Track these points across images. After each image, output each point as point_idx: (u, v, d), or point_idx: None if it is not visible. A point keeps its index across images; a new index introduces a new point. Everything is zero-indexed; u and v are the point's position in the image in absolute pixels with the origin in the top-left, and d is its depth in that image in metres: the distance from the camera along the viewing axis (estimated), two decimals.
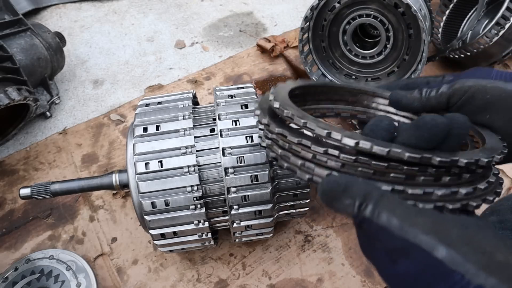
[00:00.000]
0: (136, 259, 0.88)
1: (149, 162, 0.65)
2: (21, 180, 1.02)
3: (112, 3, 1.56)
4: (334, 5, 1.06)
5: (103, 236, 0.92)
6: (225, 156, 0.65)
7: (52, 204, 0.96)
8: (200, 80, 1.26)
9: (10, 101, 0.91)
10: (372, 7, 1.04)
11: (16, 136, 1.11)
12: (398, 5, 0.99)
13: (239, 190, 0.66)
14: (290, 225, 0.92)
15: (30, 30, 1.09)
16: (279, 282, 0.85)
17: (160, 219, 0.67)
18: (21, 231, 0.92)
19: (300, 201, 0.73)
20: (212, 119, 0.71)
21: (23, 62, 1.03)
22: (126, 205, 0.96)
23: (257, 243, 0.90)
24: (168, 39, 1.42)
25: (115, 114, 1.17)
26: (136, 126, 0.68)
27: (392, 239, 0.31)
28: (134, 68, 1.32)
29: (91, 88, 1.26)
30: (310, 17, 1.07)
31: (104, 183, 0.72)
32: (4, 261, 0.88)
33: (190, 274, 0.86)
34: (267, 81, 1.25)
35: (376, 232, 0.32)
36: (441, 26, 1.34)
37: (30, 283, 0.81)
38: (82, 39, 1.41)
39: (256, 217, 0.70)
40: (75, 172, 1.03)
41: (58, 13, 1.50)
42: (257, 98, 0.72)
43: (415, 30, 1.02)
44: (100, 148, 1.08)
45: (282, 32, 1.42)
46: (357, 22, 1.07)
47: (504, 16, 1.04)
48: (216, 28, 1.47)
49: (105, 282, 0.85)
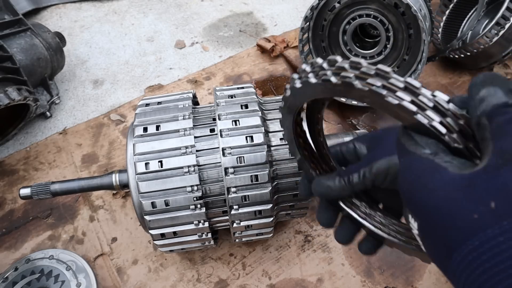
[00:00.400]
0: (136, 259, 0.88)
1: (149, 162, 0.65)
2: (21, 180, 1.02)
3: (112, 3, 1.56)
4: (334, 5, 1.06)
5: (103, 236, 0.92)
6: (225, 156, 0.65)
7: (52, 204, 0.96)
8: (200, 80, 1.26)
9: (10, 101, 0.91)
10: (372, 7, 1.04)
11: (16, 136, 1.11)
12: (398, 5, 0.99)
13: (239, 190, 0.66)
14: (290, 225, 0.92)
15: (30, 30, 1.09)
16: (279, 282, 0.85)
17: (160, 219, 0.67)
18: (21, 231, 0.92)
19: (300, 201, 0.73)
20: (212, 119, 0.71)
21: (23, 62, 1.03)
22: (126, 205, 0.97)
23: (257, 243, 0.90)
24: (168, 39, 1.42)
25: (115, 114, 1.17)
26: (136, 126, 0.68)
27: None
28: (134, 68, 1.32)
29: (91, 88, 1.26)
30: (310, 17, 1.07)
31: (104, 183, 0.72)
32: (4, 261, 0.88)
33: (190, 274, 0.86)
34: (267, 81, 1.25)
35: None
36: (441, 26, 1.34)
37: (30, 283, 0.81)
38: (82, 39, 1.41)
39: (256, 217, 0.70)
40: (75, 172, 1.03)
41: (58, 13, 1.50)
42: (257, 98, 0.72)
43: (415, 30, 1.02)
44: (100, 148, 1.08)
45: (282, 32, 1.42)
46: (357, 22, 1.07)
47: (504, 16, 1.04)
48: (216, 28, 1.47)
49: (105, 282, 0.85)
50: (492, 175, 0.29)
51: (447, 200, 0.31)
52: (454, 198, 0.30)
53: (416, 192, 0.33)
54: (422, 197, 0.32)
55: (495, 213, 0.28)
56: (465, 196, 0.30)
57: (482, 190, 0.29)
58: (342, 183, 0.49)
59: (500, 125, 0.31)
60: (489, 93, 0.33)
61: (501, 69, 1.26)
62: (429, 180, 0.32)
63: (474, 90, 0.34)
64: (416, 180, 0.33)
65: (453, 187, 0.31)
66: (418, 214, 0.33)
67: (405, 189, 0.35)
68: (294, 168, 0.69)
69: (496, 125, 0.31)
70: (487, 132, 0.32)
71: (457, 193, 0.30)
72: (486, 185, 0.29)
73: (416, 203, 0.33)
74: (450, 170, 0.32)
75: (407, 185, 0.34)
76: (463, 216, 0.29)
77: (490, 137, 0.31)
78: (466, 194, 0.30)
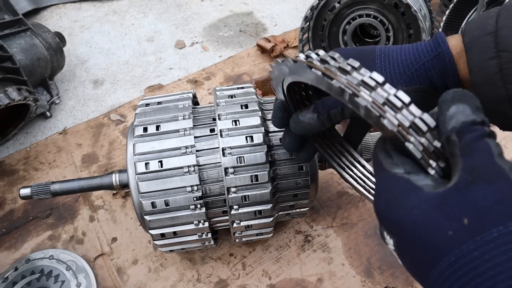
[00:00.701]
0: (136, 259, 0.88)
1: (149, 162, 0.65)
2: (21, 180, 1.02)
3: (112, 3, 1.56)
4: (334, 5, 1.06)
5: (103, 236, 0.92)
6: (225, 156, 0.65)
7: (52, 204, 0.96)
8: (200, 80, 1.26)
9: (10, 101, 0.91)
10: (372, 7, 1.04)
11: (16, 136, 1.11)
12: (398, 5, 0.99)
13: (239, 190, 0.66)
14: (290, 225, 0.93)
15: (30, 30, 1.09)
16: (279, 282, 0.85)
17: (160, 219, 0.67)
18: (21, 231, 0.92)
19: (300, 201, 0.73)
20: (212, 119, 0.71)
21: (23, 62, 1.03)
22: (126, 205, 0.97)
23: (257, 243, 0.90)
24: (168, 39, 1.42)
25: (115, 114, 1.17)
26: (136, 126, 0.68)
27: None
28: (134, 68, 1.32)
29: (91, 88, 1.26)
30: (310, 17, 1.07)
31: (104, 183, 0.72)
32: (4, 261, 0.88)
33: (190, 274, 0.86)
34: (267, 81, 1.25)
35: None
36: (441, 26, 1.34)
37: (30, 283, 0.81)
38: (82, 39, 1.41)
39: (256, 217, 0.70)
40: (75, 172, 1.03)
41: (58, 13, 1.51)
42: (257, 98, 0.72)
43: (415, 30, 1.02)
44: (100, 148, 1.08)
45: (282, 32, 1.42)
46: (357, 22, 1.07)
47: None
48: (216, 28, 1.47)
49: (105, 282, 0.85)
50: (463, 192, 0.31)
51: (423, 218, 0.32)
52: (430, 216, 0.32)
53: (392, 210, 0.34)
54: (399, 215, 0.34)
55: (468, 229, 0.30)
56: (439, 214, 0.31)
57: (454, 208, 0.31)
58: (321, 119, 0.50)
59: (469, 142, 0.33)
60: (458, 110, 0.35)
61: None
62: (405, 199, 0.34)
63: (444, 107, 0.35)
64: (392, 199, 0.35)
65: (428, 206, 0.32)
66: (395, 232, 0.35)
67: (381, 207, 0.36)
68: (294, 168, 0.69)
69: (465, 142, 0.33)
70: (457, 149, 0.33)
71: (432, 211, 0.32)
72: (458, 202, 0.31)
73: (392, 221, 0.34)
74: (425, 190, 0.33)
75: (384, 204, 0.36)
76: (438, 233, 0.31)
77: (459, 153, 0.33)
78: (440, 212, 0.31)
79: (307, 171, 0.70)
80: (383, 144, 0.38)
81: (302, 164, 0.69)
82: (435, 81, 0.53)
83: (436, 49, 0.52)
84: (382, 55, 0.56)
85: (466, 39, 0.51)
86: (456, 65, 0.52)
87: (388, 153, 0.37)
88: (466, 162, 0.32)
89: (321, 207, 0.95)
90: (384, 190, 0.36)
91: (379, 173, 0.38)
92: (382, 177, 0.37)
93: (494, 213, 0.29)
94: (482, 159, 0.31)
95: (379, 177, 0.38)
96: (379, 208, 0.36)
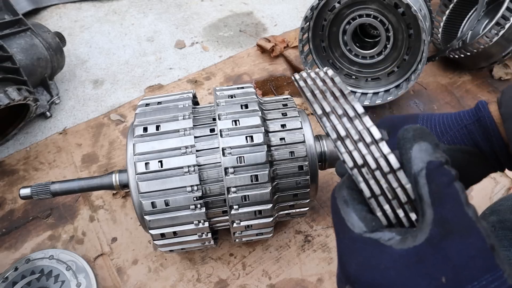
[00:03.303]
0: (136, 259, 0.88)
1: (149, 162, 0.65)
2: (21, 180, 1.02)
3: (112, 3, 1.56)
4: (334, 5, 1.06)
5: (103, 236, 0.92)
6: (225, 156, 0.65)
7: (52, 204, 0.96)
8: (200, 80, 1.26)
9: (10, 101, 0.91)
10: (372, 7, 1.04)
11: (16, 136, 1.11)
12: (398, 5, 0.99)
13: (239, 190, 0.66)
14: (290, 225, 0.92)
15: (30, 30, 1.09)
16: (279, 282, 0.85)
17: (160, 219, 0.67)
18: (21, 231, 0.92)
19: (300, 201, 0.73)
20: (212, 119, 0.71)
21: (23, 62, 1.03)
22: (126, 205, 0.96)
23: (257, 243, 0.90)
24: (168, 39, 1.42)
25: (115, 114, 1.17)
26: (136, 126, 0.68)
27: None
28: (134, 68, 1.32)
29: (91, 88, 1.26)
30: (310, 17, 1.07)
31: (104, 183, 0.72)
32: (4, 261, 0.88)
33: (190, 274, 0.86)
34: (267, 81, 1.25)
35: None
36: (441, 26, 1.34)
37: (30, 283, 0.81)
38: (82, 39, 1.41)
39: (256, 217, 0.70)
40: (75, 172, 1.03)
41: (58, 13, 1.51)
42: (257, 98, 0.72)
43: (415, 30, 1.02)
44: (100, 148, 1.08)
45: (282, 32, 1.42)
46: (357, 22, 1.07)
47: (504, 16, 1.04)
48: (216, 28, 1.47)
49: (105, 282, 0.85)
50: (437, 248, 0.31)
51: (401, 279, 0.32)
52: (407, 276, 0.31)
53: (366, 273, 0.33)
54: (375, 277, 0.33)
55: (446, 287, 0.30)
56: (417, 273, 0.31)
57: (431, 266, 0.31)
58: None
59: (439, 188, 0.32)
60: (421, 148, 0.34)
61: (501, 69, 1.26)
62: (378, 261, 0.33)
63: (407, 145, 0.35)
64: (364, 262, 0.34)
65: (403, 265, 0.32)
66: None
67: (353, 271, 0.34)
68: (294, 168, 0.69)
69: (435, 187, 0.33)
70: (426, 195, 0.33)
71: (409, 271, 0.31)
72: (433, 260, 0.31)
73: (368, 283, 0.34)
74: (395, 247, 0.33)
75: (356, 267, 0.34)
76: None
77: (429, 201, 0.33)
78: (418, 271, 0.31)
79: (307, 171, 0.70)
80: (342, 193, 0.37)
81: (302, 164, 0.69)
82: (480, 144, 0.54)
83: (477, 114, 0.55)
84: (425, 118, 0.59)
85: (503, 110, 0.52)
86: (498, 129, 0.53)
87: (348, 203, 0.36)
88: (437, 213, 0.32)
89: (321, 207, 0.95)
90: (353, 253, 0.35)
91: (342, 234, 0.36)
92: (346, 241, 0.36)
93: (468, 269, 0.30)
94: (453, 210, 0.31)
95: (343, 238, 0.36)
96: (350, 271, 0.35)
